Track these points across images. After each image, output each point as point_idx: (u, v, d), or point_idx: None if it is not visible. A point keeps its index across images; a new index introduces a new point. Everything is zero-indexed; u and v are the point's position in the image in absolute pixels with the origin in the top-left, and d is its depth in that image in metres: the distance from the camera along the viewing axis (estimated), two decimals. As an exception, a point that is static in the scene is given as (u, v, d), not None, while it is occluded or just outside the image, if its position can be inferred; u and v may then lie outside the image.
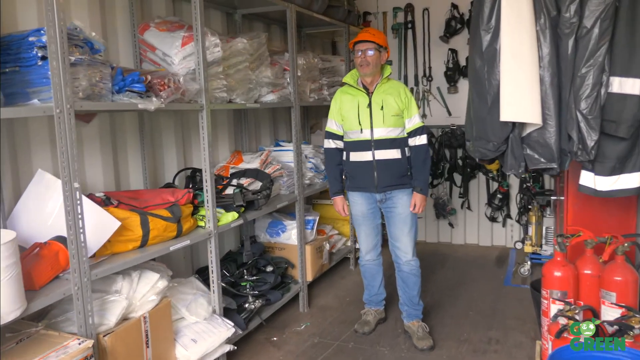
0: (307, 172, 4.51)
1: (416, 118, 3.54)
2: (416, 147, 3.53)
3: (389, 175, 3.50)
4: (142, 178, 3.23)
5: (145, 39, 3.00)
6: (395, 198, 3.57)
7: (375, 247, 3.77)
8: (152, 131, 3.40)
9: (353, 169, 3.60)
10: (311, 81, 4.48)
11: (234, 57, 3.35)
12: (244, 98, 3.44)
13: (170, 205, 2.85)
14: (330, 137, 3.66)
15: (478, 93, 2.60)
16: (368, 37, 3.44)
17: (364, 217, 3.68)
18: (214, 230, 3.05)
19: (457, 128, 5.70)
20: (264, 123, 4.68)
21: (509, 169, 2.56)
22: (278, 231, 4.29)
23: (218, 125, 4.05)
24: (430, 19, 5.76)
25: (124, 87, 2.47)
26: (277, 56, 4.14)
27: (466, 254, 5.75)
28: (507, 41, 2.38)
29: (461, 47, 5.65)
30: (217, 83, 3.13)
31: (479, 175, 5.87)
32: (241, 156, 4.00)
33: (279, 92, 3.88)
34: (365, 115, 3.48)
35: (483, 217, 5.92)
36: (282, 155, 4.37)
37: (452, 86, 5.73)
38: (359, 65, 3.45)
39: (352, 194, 3.68)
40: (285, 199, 3.99)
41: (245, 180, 3.67)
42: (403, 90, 3.55)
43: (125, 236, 2.60)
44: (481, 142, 2.62)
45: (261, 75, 3.68)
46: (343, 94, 3.62)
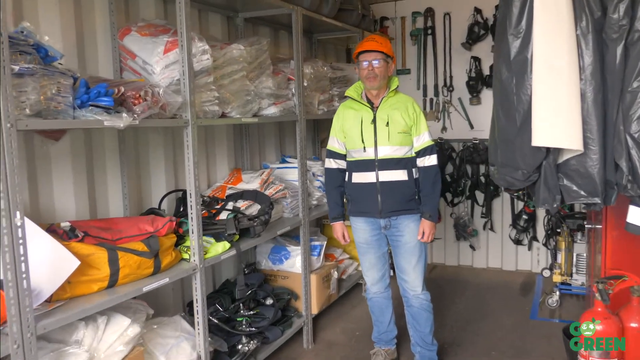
0: (315, 191, 4.11)
1: (425, 136, 3.14)
2: (425, 169, 3.13)
3: (395, 199, 3.12)
4: (122, 203, 2.85)
5: (125, 45, 2.63)
6: (401, 225, 3.16)
7: (383, 279, 3.35)
8: (137, 149, 3.02)
9: (355, 191, 3.20)
10: (320, 92, 4.08)
11: (229, 66, 2.97)
12: (240, 111, 3.05)
13: (147, 236, 2.47)
14: (331, 156, 3.27)
15: (504, 110, 2.17)
16: (374, 46, 3.04)
17: (368, 245, 3.27)
18: (199, 265, 2.66)
19: (479, 142, 5.26)
20: (269, 137, 4.29)
21: (541, 203, 2.12)
22: (281, 257, 3.89)
23: (216, 140, 3.67)
24: (452, 25, 5.33)
25: (88, 101, 2.10)
26: (282, 64, 3.76)
27: (489, 279, 5.28)
28: (541, 48, 1.95)
29: (485, 54, 5.20)
30: (207, 95, 2.74)
31: (503, 194, 5.41)
32: (240, 175, 3.61)
33: (282, 104, 3.48)
34: (369, 132, 3.09)
35: (507, 239, 5.45)
36: (287, 173, 3.98)
37: (474, 97, 5.28)
38: (365, 77, 3.07)
39: (355, 219, 3.27)
40: (289, 223, 3.58)
41: (243, 203, 3.28)
42: (411, 104, 3.15)
43: (90, 275, 2.22)
44: (508, 169, 2.19)
45: (261, 86, 3.29)
46: (346, 108, 3.23)
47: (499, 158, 2.24)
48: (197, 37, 2.59)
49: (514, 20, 2.02)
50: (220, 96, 2.85)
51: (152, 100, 2.34)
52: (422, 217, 3.13)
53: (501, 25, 2.12)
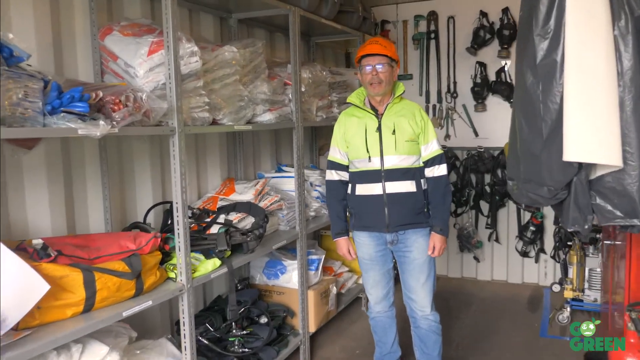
0: (313, 202, 3.89)
1: (434, 144, 2.94)
2: (434, 179, 2.94)
3: (402, 212, 2.91)
4: (103, 217, 2.63)
5: (106, 46, 2.43)
6: (409, 240, 2.96)
7: (387, 297, 3.14)
8: (121, 158, 2.81)
9: (359, 204, 2.99)
10: (319, 97, 3.88)
11: (221, 69, 2.77)
12: (232, 118, 2.84)
13: (128, 255, 2.25)
14: (333, 167, 3.05)
15: (528, 120, 1.95)
16: (378, 49, 2.84)
17: (372, 261, 3.05)
18: (187, 285, 2.44)
19: (484, 150, 5.06)
20: (265, 145, 4.08)
21: (570, 224, 1.90)
22: (276, 272, 3.67)
23: (207, 148, 3.46)
24: (456, 29, 5.13)
25: (60, 107, 1.89)
26: (279, 68, 3.55)
27: (494, 293, 5.06)
28: (574, 50, 1.73)
29: (491, 60, 5.00)
30: (196, 101, 2.54)
31: (508, 204, 5.20)
32: (233, 185, 3.40)
33: (277, 110, 3.28)
34: (374, 140, 2.88)
35: (513, 251, 5.23)
36: (283, 183, 3.77)
37: (479, 104, 5.08)
38: (369, 83, 2.87)
39: (358, 233, 3.06)
40: (285, 237, 3.37)
41: (236, 216, 3.07)
42: (418, 111, 2.96)
43: (63, 300, 2.01)
44: (531, 185, 1.97)
45: (256, 91, 3.08)
46: (348, 116, 3.02)
47: (521, 173, 2.02)
48: (185, 38, 2.38)
49: (541, 18, 1.80)
50: (210, 102, 2.64)
51: (134, 106, 2.13)
52: (432, 230, 2.93)
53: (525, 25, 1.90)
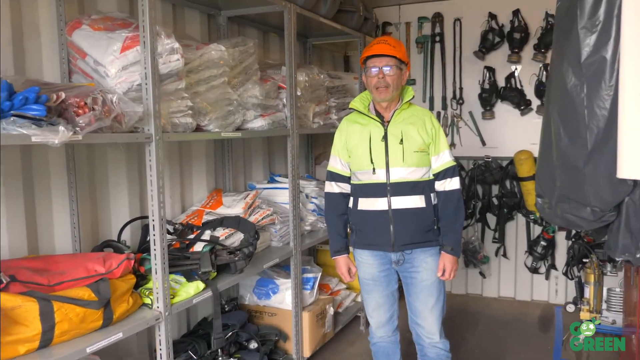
0: (309, 215, 3.61)
1: (446, 155, 2.66)
2: (446, 193, 2.66)
3: (410, 230, 2.63)
4: (70, 235, 2.34)
5: (74, 41, 2.14)
6: (417, 260, 2.67)
7: (391, 321, 2.84)
8: (93, 167, 2.52)
9: (362, 220, 2.70)
10: (316, 103, 3.60)
11: (207, 70, 2.49)
12: (219, 124, 2.56)
13: (96, 279, 1.96)
14: (333, 178, 2.77)
15: (569, 127, 1.65)
16: (387, 49, 2.55)
17: (375, 282, 2.77)
18: (164, 312, 2.15)
19: (492, 160, 4.78)
20: (256, 153, 3.79)
21: (619, 252, 1.60)
22: (268, 292, 3.38)
23: (193, 156, 3.17)
24: (463, 31, 4.85)
25: (10, 110, 1.60)
26: (272, 71, 3.28)
27: (501, 311, 4.76)
28: (631, 45, 1.44)
29: (500, 64, 4.73)
30: (178, 104, 2.25)
31: (517, 217, 4.92)
32: (221, 197, 3.11)
33: (270, 116, 2.99)
34: (380, 150, 2.60)
35: (521, 266, 4.94)
36: (277, 195, 3.48)
37: (487, 111, 4.80)
38: (375, 87, 2.58)
39: (360, 252, 2.77)
40: (277, 254, 3.08)
41: (222, 232, 2.78)
42: (429, 119, 2.67)
43: (14, 334, 1.72)
44: (570, 205, 1.68)
45: (246, 95, 2.80)
46: (350, 123, 2.74)
47: (556, 189, 1.73)
48: (165, 33, 2.10)
49: (588, 8, 1.51)
50: (194, 106, 2.36)
51: (102, 110, 1.84)
52: (443, 250, 2.65)
53: (566, 16, 1.61)
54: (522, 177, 4.59)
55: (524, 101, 4.65)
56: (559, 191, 1.73)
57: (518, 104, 4.66)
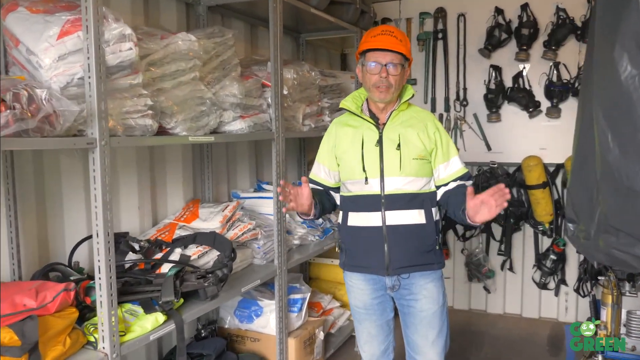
0: (298, 227, 3.25)
1: (456, 162, 2.32)
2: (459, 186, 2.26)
3: (407, 250, 2.27)
4: (7, 257, 1.98)
5: (7, 27, 1.78)
6: (415, 286, 2.32)
7: (385, 354, 2.48)
8: (41, 176, 2.16)
9: (352, 238, 2.35)
10: (306, 103, 3.24)
11: (173, 63, 2.13)
12: (188, 127, 2.20)
13: (22, 317, 1.60)
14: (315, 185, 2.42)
15: (620, 134, 1.30)
16: (394, 43, 2.17)
17: (368, 310, 2.41)
18: (111, 354, 1.78)
19: (498, 166, 4.43)
20: (242, 157, 3.43)
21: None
22: (251, 314, 3.02)
23: (167, 161, 2.81)
24: (467, 28, 4.50)
25: None
26: (258, 67, 2.93)
27: (507, 329, 4.40)
28: None
29: (507, 63, 4.37)
30: (134, 103, 1.90)
31: (524, 228, 4.56)
32: (197, 209, 2.75)
33: (252, 117, 2.64)
34: (373, 157, 2.25)
35: (528, 281, 4.58)
36: (262, 205, 3.13)
37: (493, 113, 4.44)
38: (374, 86, 2.21)
39: (351, 275, 2.42)
40: (260, 273, 2.73)
41: (195, 250, 2.42)
42: (432, 121, 2.32)
43: None
44: (620, 238, 1.32)
45: (223, 93, 2.45)
46: (341, 126, 2.38)
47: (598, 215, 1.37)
48: (112, 17, 1.74)
49: None
50: (156, 105, 2.00)
51: (28, 108, 1.49)
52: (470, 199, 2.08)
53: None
54: (531, 185, 4.24)
55: (532, 103, 4.29)
56: (602, 218, 1.37)
57: (526, 106, 4.31)
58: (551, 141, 4.32)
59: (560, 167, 4.27)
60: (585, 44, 4.09)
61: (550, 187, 4.27)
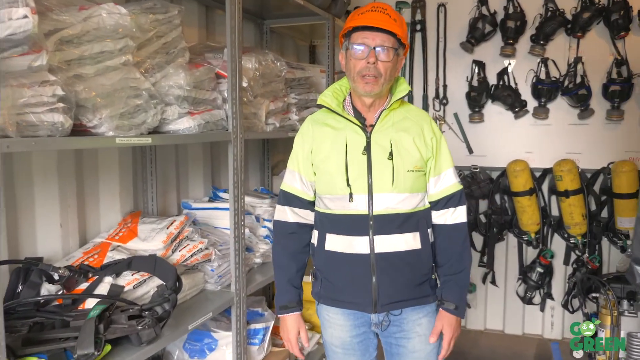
0: (260, 243, 2.79)
1: (450, 176, 1.92)
2: (449, 229, 1.92)
3: (400, 283, 1.87)
4: None
5: None
6: (407, 322, 1.92)
7: None
8: None
9: (331, 266, 1.92)
10: (270, 99, 2.78)
11: (97, 42, 1.64)
12: (118, 125, 1.71)
13: None
14: (287, 202, 1.99)
15: None
16: (386, 21, 1.74)
17: (347, 350, 2.00)
18: None
19: (480, 171, 4.08)
20: (195, 161, 2.94)
21: None
22: (203, 348, 2.53)
23: (100, 167, 2.31)
24: (448, 19, 4.11)
25: None
26: (212, 54, 2.45)
27: (490, 348, 4.07)
28: None
29: (491, 58, 4.01)
30: (35, 93, 1.40)
31: (508, 238, 4.22)
32: (136, 225, 2.26)
33: (204, 114, 2.16)
34: (360, 168, 1.82)
35: (511, 295, 4.26)
36: (218, 217, 2.66)
37: (475, 113, 4.08)
38: (360, 75, 1.78)
39: (328, 309, 1.99)
40: (214, 303, 2.26)
41: (131, 279, 1.94)
42: (428, 124, 1.91)
43: None
44: None
45: (166, 83, 1.96)
46: (318, 125, 1.94)
47: None
48: (-3, -30, 1.25)
49: None
50: (70, 96, 1.51)
51: None
52: (442, 307, 1.90)
53: None
54: (517, 192, 3.90)
55: (518, 102, 3.95)
56: None
57: (512, 106, 3.96)
58: (538, 144, 3.99)
59: (548, 172, 3.94)
60: (576, 39, 3.78)
61: (537, 194, 3.93)
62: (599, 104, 3.80)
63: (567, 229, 3.89)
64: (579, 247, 3.92)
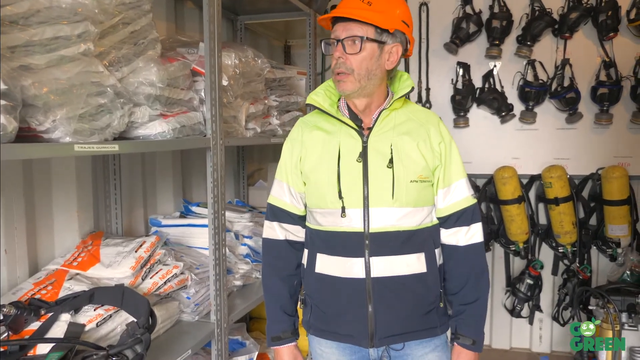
0: (240, 263, 2.48)
1: (462, 188, 1.66)
2: (463, 250, 1.66)
3: (402, 313, 1.62)
4: None
5: None
6: (411, 358, 1.67)
7: None
8: None
9: (322, 290, 1.67)
10: (251, 101, 2.48)
11: (48, 25, 1.31)
12: (75, 129, 1.38)
13: None
14: (276, 217, 1.73)
15: None
16: (353, 8, 1.53)
17: None
18: None
19: (464, 178, 3.86)
20: (163, 171, 2.60)
21: None
22: (177, 387, 2.20)
23: (53, 179, 1.96)
24: (431, 19, 3.90)
25: None
26: (185, 49, 2.14)
27: (478, 366, 3.84)
28: None
29: (476, 59, 3.82)
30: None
31: (494, 247, 4.03)
32: (99, 248, 1.92)
33: (178, 117, 1.84)
34: (354, 177, 1.58)
35: (498, 308, 4.07)
36: (192, 236, 2.35)
37: (460, 117, 3.87)
38: (335, 73, 1.58)
39: (320, 341, 1.73)
40: (191, 338, 1.93)
41: (93, 315, 1.61)
42: (436, 126, 1.67)
43: None
44: None
45: (135, 79, 1.64)
46: (309, 129, 1.69)
47: None
48: None
49: None
50: (14, 92, 1.18)
51: None
52: (457, 342, 1.65)
53: None
54: (505, 200, 3.71)
55: (505, 106, 3.76)
56: None
57: (498, 110, 3.77)
58: (525, 150, 3.81)
59: (536, 178, 3.77)
60: (563, 40, 3.63)
61: (526, 202, 3.75)
62: (587, 107, 3.66)
63: (556, 237, 3.72)
64: (568, 256, 3.75)
